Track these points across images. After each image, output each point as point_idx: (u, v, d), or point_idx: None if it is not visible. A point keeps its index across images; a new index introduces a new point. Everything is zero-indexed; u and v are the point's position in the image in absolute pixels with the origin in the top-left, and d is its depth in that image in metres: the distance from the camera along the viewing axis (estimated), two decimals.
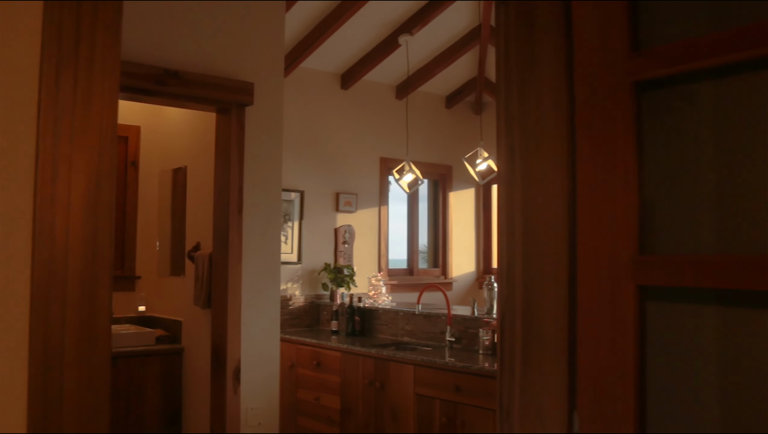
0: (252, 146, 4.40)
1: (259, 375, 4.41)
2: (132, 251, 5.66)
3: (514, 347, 1.68)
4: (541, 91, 1.63)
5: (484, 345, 5.05)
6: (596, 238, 1.44)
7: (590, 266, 1.43)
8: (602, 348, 1.43)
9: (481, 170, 5.80)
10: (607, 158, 1.44)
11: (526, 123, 1.68)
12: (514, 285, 1.69)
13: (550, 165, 1.61)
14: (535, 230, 1.64)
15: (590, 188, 1.48)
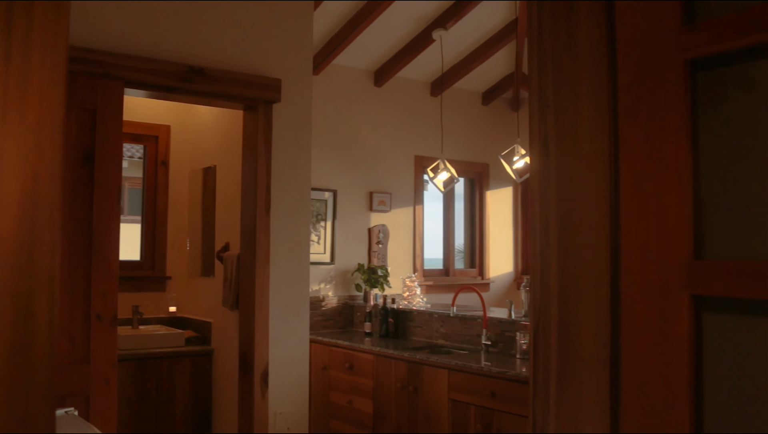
0: (280, 144, 4.28)
1: (287, 379, 4.29)
2: (162, 252, 5.59)
3: (549, 362, 1.51)
4: (579, 74, 1.46)
5: (521, 349, 4.87)
6: (643, 241, 1.26)
7: (636, 273, 1.26)
8: (651, 366, 1.25)
9: (518, 167, 5.61)
10: (655, 149, 1.27)
11: (561, 111, 1.51)
12: (549, 294, 1.52)
13: (590, 158, 1.44)
14: (573, 232, 1.47)
15: (636, 184, 1.30)
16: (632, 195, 1.30)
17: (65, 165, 3.53)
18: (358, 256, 6.73)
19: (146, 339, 4.96)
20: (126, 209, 10.89)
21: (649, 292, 1.23)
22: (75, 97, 3.56)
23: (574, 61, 1.46)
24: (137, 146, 5.78)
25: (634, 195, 1.30)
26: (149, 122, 5.55)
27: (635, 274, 1.25)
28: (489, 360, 4.82)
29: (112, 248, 3.61)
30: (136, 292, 5.43)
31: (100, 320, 3.56)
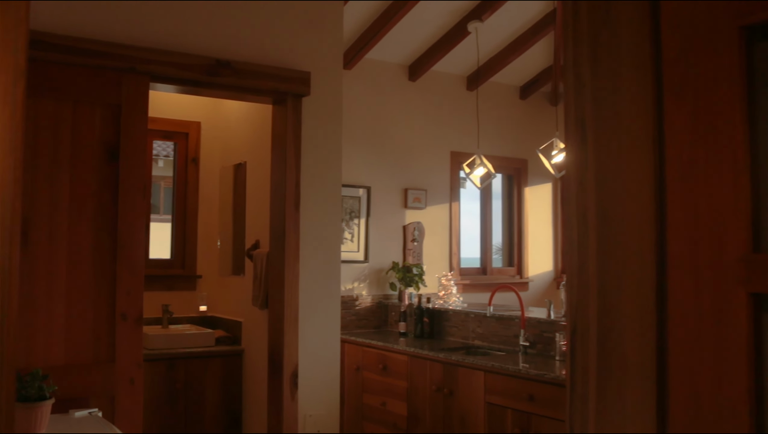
0: (310, 139, 4.17)
1: (318, 380, 4.18)
2: (193, 250, 5.52)
3: (588, 367, 1.37)
4: (619, 48, 1.31)
5: (561, 350, 4.70)
6: (693, 233, 1.12)
7: (685, 268, 1.12)
8: (703, 372, 1.11)
9: (557, 162, 5.43)
10: (706, 130, 1.12)
11: (599, 90, 1.36)
12: (587, 293, 1.38)
13: (632, 141, 1.29)
14: (613, 223, 1.32)
15: (684, 170, 1.15)
16: (680, 182, 1.16)
17: (90, 162, 3.46)
18: (393, 254, 6.61)
19: (176, 339, 4.90)
20: (162, 207, 10.93)
21: (700, 290, 1.08)
22: (99, 92, 3.49)
23: (613, 34, 1.31)
24: (168, 144, 5.71)
25: (682, 181, 1.15)
26: (179, 119, 5.49)
27: (684, 270, 1.11)
28: (527, 362, 4.66)
29: (137, 247, 3.53)
30: (167, 291, 5.37)
31: (125, 320, 3.48)
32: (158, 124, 5.39)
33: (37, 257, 3.30)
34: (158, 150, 9.46)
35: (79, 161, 3.43)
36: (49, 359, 3.32)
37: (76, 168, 3.42)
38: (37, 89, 3.33)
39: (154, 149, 9.20)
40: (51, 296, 3.33)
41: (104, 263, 3.46)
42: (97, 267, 3.44)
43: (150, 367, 4.67)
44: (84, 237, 3.42)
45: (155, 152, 9.69)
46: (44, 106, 3.36)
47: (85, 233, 3.43)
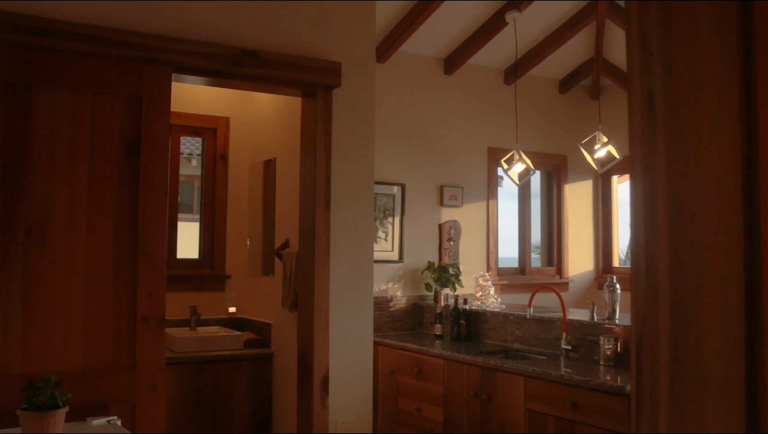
0: (341, 132, 3.98)
1: (350, 386, 3.99)
2: (222, 249, 5.37)
3: (658, 385, 1.15)
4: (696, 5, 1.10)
5: (605, 354, 4.45)
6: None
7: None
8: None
9: (600, 157, 5.17)
10: None
11: (672, 57, 1.14)
12: (657, 296, 1.17)
13: (713, 117, 1.07)
14: (689, 216, 1.10)
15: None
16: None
17: (110, 157, 3.31)
18: (428, 254, 6.40)
19: (203, 342, 4.74)
20: (195, 207, 10.80)
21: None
22: (119, 83, 3.33)
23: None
24: (196, 140, 5.56)
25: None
26: (207, 114, 5.35)
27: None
28: (569, 367, 4.42)
29: (159, 245, 3.37)
30: (194, 292, 5.22)
31: (147, 323, 3.33)
32: (186, 119, 5.25)
33: (55, 257, 3.16)
34: (191, 149, 9.35)
35: (99, 156, 3.27)
36: (67, 364, 3.17)
37: (96, 163, 3.27)
38: (53, 81, 3.18)
39: (186, 147, 9.07)
40: (69, 298, 3.18)
41: (125, 263, 3.31)
42: (117, 267, 3.29)
43: (177, 370, 4.52)
44: (103, 236, 3.27)
45: (188, 151, 9.58)
46: (62, 99, 3.21)
47: (104, 231, 3.27)
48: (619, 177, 7.67)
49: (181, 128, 5.29)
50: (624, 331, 4.46)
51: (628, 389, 3.76)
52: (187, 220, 6.08)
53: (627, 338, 4.43)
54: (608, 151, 5.14)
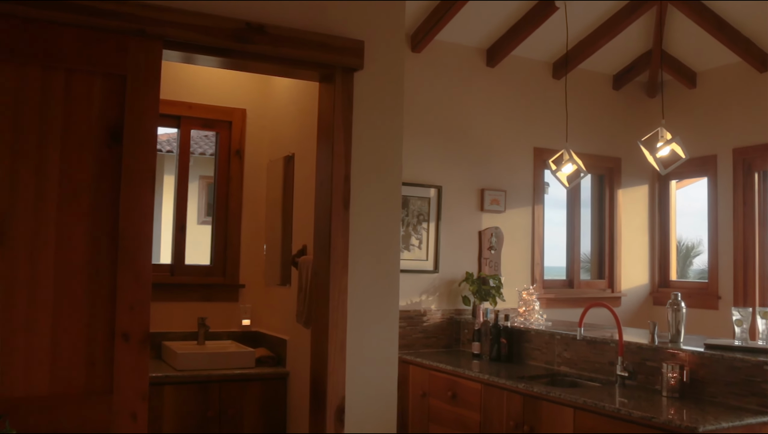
0: (363, 123, 3.44)
1: (369, 417, 3.43)
2: (236, 255, 4.86)
3: None
4: None
5: (668, 384, 3.82)
6: None
7: None
8: None
9: (662, 156, 4.54)
10: None
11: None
12: None
13: None
14: None
15: None
16: None
17: (86, 145, 2.81)
18: (467, 264, 5.81)
19: (209, 358, 4.23)
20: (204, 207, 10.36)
21: None
22: (99, 59, 2.83)
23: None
24: (210, 135, 5.05)
25: None
26: (221, 105, 4.84)
27: None
28: (626, 397, 3.81)
29: (143, 250, 2.86)
30: (204, 302, 4.72)
31: (127, 341, 2.81)
32: (197, 111, 4.76)
33: (17, 262, 2.66)
34: (204, 148, 8.87)
35: (73, 144, 2.78)
36: (30, 388, 2.67)
37: (69, 152, 2.77)
38: (20, 54, 2.69)
39: (199, 145, 8.56)
40: (33, 310, 2.69)
41: (102, 269, 2.80)
42: (92, 274, 2.78)
43: (177, 391, 4.02)
44: (76, 237, 2.77)
45: (201, 150, 9.08)
46: (30, 75, 2.72)
47: (78, 231, 2.77)
48: (678, 182, 7.00)
49: (191, 121, 4.80)
50: (691, 357, 3.83)
51: (701, 430, 3.14)
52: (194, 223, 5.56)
53: (695, 365, 3.80)
54: (672, 150, 4.50)
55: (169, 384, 4.00)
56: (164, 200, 7.31)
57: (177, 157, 4.84)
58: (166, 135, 9.75)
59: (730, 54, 6.00)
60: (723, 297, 6.27)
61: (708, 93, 6.46)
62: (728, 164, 6.28)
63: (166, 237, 5.50)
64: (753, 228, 6.11)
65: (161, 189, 9.52)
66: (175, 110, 4.70)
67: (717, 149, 6.30)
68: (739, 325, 3.88)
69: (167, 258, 4.92)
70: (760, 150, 6.05)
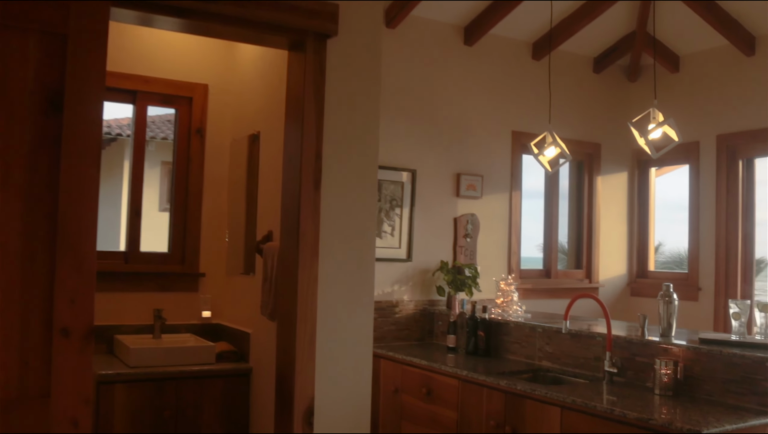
0: (337, 95, 3.12)
1: (341, 420, 3.13)
2: (195, 242, 4.50)
3: None
4: None
5: (661, 382, 3.57)
6: None
7: None
8: None
9: (654, 138, 4.28)
10: None
11: None
12: None
13: None
14: None
15: None
16: None
17: (20, 113, 2.45)
18: (441, 252, 5.52)
19: (165, 354, 3.88)
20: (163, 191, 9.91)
21: None
22: (35, 15, 2.47)
23: None
24: (168, 114, 4.67)
25: None
26: (181, 80, 4.48)
27: None
28: (615, 395, 3.55)
29: (86, 235, 2.51)
30: (161, 292, 4.36)
31: (68, 337, 2.47)
32: (154, 85, 4.39)
33: None
34: (166, 132, 8.47)
35: (4, 111, 2.42)
36: None
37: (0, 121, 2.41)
38: None
39: (161, 129, 8.14)
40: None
41: (38, 256, 2.45)
42: (27, 262, 2.43)
43: (130, 390, 3.68)
44: (9, 219, 2.41)
45: (162, 134, 8.66)
46: None
47: (10, 213, 2.42)
48: (657, 169, 6.78)
49: (148, 96, 4.43)
50: (686, 353, 3.58)
51: (704, 433, 2.88)
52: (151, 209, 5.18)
53: (689, 362, 3.56)
54: (665, 132, 4.24)
55: (120, 383, 3.65)
56: (124, 187, 6.91)
57: (132, 134, 4.47)
58: (126, 119, 9.35)
59: (716, 37, 5.77)
60: (704, 289, 6.07)
61: (692, 77, 6.23)
62: (711, 151, 6.06)
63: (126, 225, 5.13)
64: (736, 218, 5.91)
65: (121, 175, 9.10)
66: (130, 84, 4.33)
67: (700, 136, 6.08)
68: (737, 319, 3.64)
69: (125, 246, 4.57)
70: (745, 137, 5.84)
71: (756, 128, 5.74)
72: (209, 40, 4.49)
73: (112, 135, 9.83)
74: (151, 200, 8.70)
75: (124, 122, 9.59)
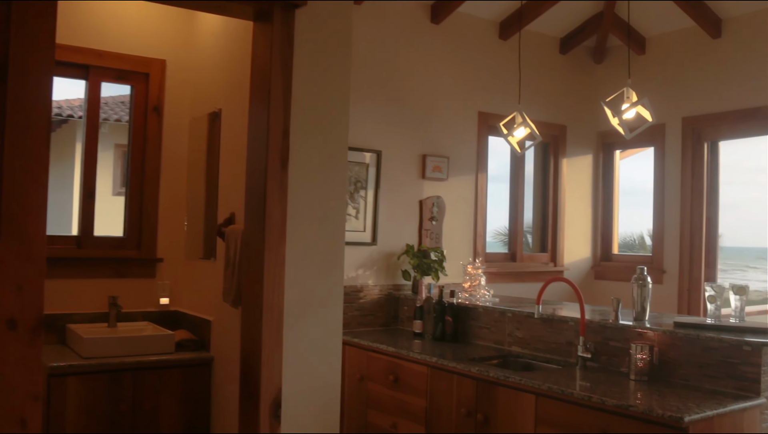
0: (305, 68, 2.94)
1: (310, 411, 2.98)
2: (152, 225, 4.30)
3: None
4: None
5: (636, 366, 3.49)
6: None
7: None
8: None
9: (628, 118, 4.19)
10: None
11: None
12: None
13: None
14: None
15: None
16: None
17: None
18: (407, 235, 5.38)
19: (121, 343, 3.68)
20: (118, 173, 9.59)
21: None
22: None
23: None
24: (124, 90, 4.43)
25: None
26: (137, 55, 4.25)
27: None
28: (589, 381, 3.46)
29: (35, 218, 2.31)
30: (117, 278, 4.15)
31: (14, 329, 2.27)
32: (108, 60, 4.16)
33: None
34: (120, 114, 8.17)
35: None
36: None
37: None
38: None
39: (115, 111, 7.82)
40: None
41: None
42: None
43: (83, 382, 3.47)
44: None
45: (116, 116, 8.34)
46: None
47: None
48: (622, 152, 6.73)
49: (102, 71, 4.19)
50: (661, 337, 3.50)
51: (687, 420, 2.80)
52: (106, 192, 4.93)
53: (665, 346, 3.48)
54: (638, 113, 4.15)
55: (73, 375, 3.44)
56: (76, 170, 6.62)
57: (85, 111, 4.23)
58: (78, 100, 9.00)
59: (683, 18, 5.71)
60: (668, 271, 6.04)
61: (658, 59, 6.17)
62: (677, 134, 6.02)
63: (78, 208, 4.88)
64: (701, 200, 5.88)
65: (73, 158, 8.75)
66: (82, 58, 4.09)
67: (666, 118, 6.02)
68: (712, 301, 3.57)
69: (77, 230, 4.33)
70: (710, 120, 5.80)
71: (721, 111, 5.71)
72: (167, 11, 4.27)
73: (63, 116, 9.47)
74: (105, 184, 8.39)
75: (75, 103, 9.23)
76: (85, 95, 4.23)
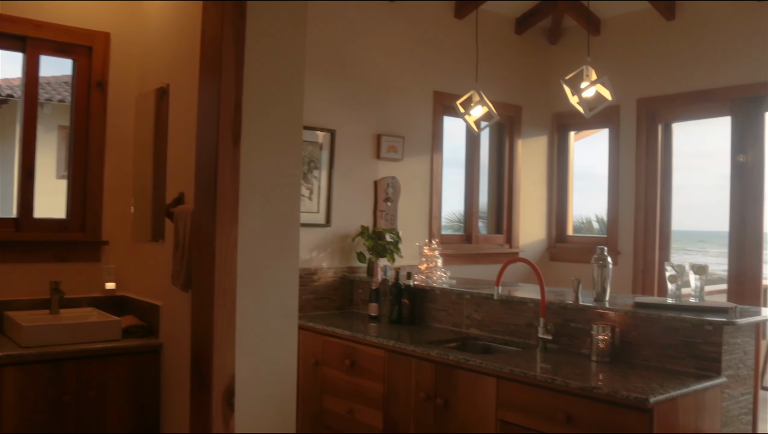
0: (258, 38, 2.80)
1: (265, 398, 2.86)
2: (97, 207, 4.10)
3: None
4: None
5: (598, 348, 3.45)
6: None
7: None
8: None
9: (588, 97, 4.13)
10: None
11: None
12: None
13: None
14: None
15: None
16: None
17: None
18: (361, 216, 5.27)
19: (64, 331, 3.50)
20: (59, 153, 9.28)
21: None
22: None
23: None
24: (64, 63, 4.20)
25: None
26: (80, 27, 4.03)
27: None
28: (551, 362, 3.41)
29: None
30: (59, 262, 3.95)
31: None
32: (47, 31, 3.94)
33: None
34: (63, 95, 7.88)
35: None
36: None
37: None
38: None
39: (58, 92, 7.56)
40: None
41: None
42: None
43: (23, 373, 3.29)
44: None
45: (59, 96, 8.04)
46: None
47: None
48: (576, 133, 6.71)
49: (40, 43, 3.97)
50: (622, 318, 3.46)
51: (652, 401, 2.75)
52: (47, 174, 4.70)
53: (626, 327, 3.44)
54: (597, 92, 4.10)
55: (12, 365, 3.25)
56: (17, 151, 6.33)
57: (23, 86, 4.00)
58: (18, 79, 8.64)
59: (637, 1, 5.69)
60: (622, 252, 6.05)
61: (613, 41, 6.15)
62: (631, 115, 6.02)
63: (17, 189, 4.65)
64: (654, 182, 5.90)
65: (13, 139, 8.41)
66: (18, 29, 3.87)
67: (620, 99, 6.00)
68: (673, 281, 3.54)
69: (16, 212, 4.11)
70: (664, 101, 5.81)
71: (675, 93, 5.72)
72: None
73: (2, 96, 9.07)
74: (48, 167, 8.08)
75: (15, 83, 8.85)
76: (22, 69, 4.01)
